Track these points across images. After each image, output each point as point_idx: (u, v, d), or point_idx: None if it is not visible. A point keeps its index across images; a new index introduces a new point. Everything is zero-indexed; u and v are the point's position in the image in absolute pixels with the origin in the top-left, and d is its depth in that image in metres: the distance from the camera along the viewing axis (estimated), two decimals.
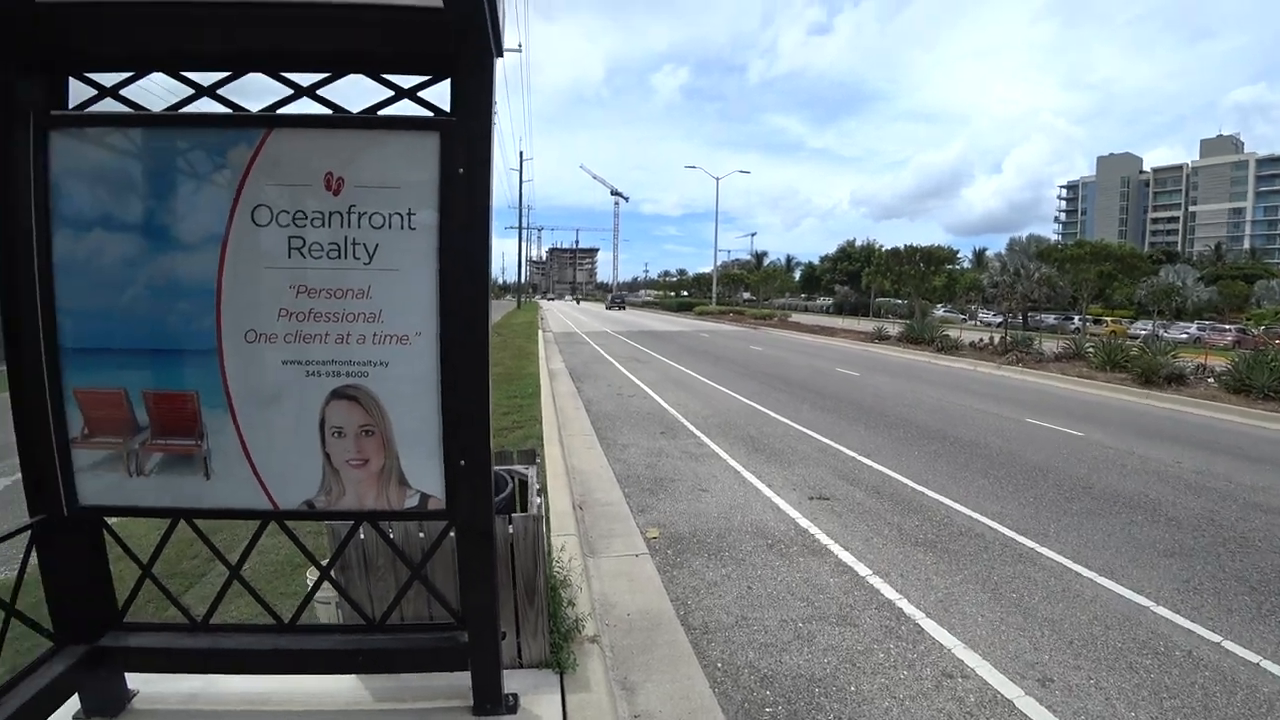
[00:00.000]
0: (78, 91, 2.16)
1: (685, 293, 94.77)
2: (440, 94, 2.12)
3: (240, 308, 2.05)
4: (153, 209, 2.06)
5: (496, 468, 3.36)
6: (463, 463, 2.12)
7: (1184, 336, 34.59)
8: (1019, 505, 6.01)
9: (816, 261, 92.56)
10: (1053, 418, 10.74)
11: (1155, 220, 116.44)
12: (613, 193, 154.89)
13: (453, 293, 2.05)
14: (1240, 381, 13.11)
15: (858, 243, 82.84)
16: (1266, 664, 3.43)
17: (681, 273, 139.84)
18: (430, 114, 2.12)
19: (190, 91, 2.16)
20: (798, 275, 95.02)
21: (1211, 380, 14.34)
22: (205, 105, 2.16)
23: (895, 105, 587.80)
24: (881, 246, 55.01)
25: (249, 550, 2.38)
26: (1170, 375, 14.36)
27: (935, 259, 36.52)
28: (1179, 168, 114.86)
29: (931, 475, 6.97)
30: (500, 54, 2.05)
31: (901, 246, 37.11)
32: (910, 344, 24.35)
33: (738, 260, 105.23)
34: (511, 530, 2.80)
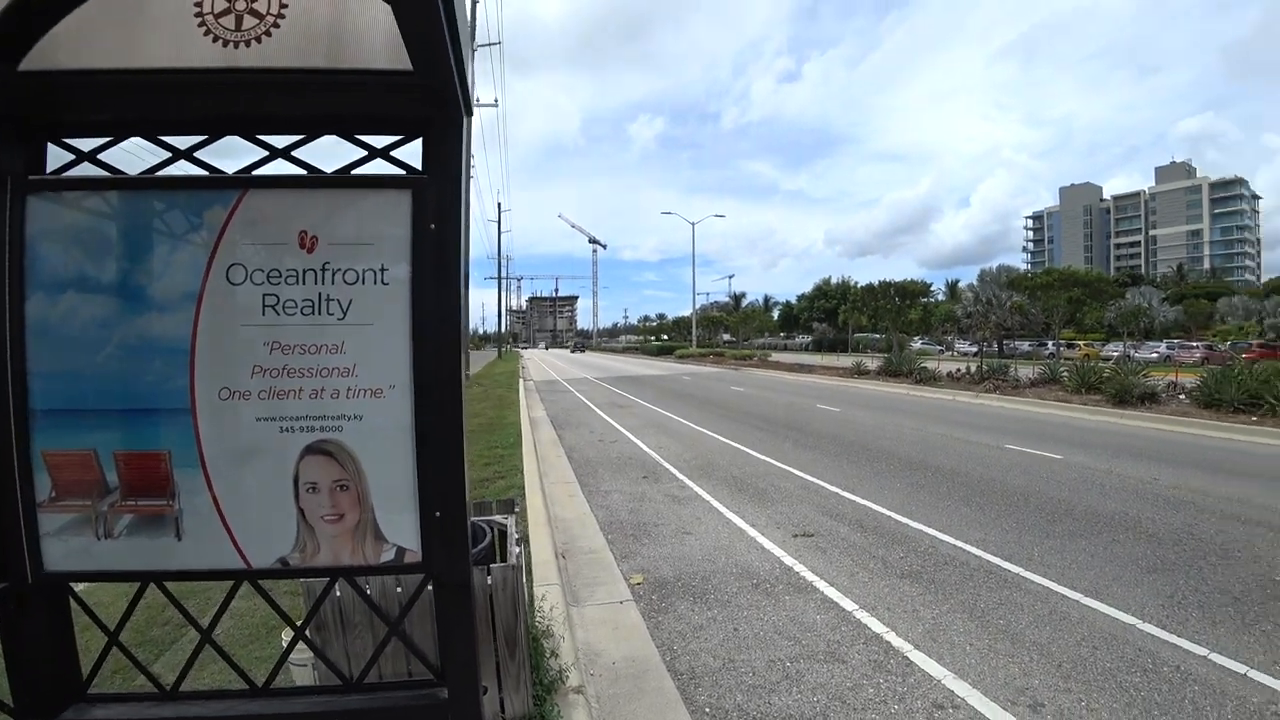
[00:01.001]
0: (55, 155, 2.20)
1: (665, 336, 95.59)
2: (413, 152, 2.19)
3: (214, 366, 2.06)
4: (127, 270, 2.07)
5: (475, 518, 3.34)
6: (438, 514, 2.11)
7: (1154, 355, 35.54)
8: (1002, 531, 6.05)
9: (794, 300, 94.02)
10: (1031, 442, 10.88)
11: (1119, 245, 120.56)
12: (591, 240, 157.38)
13: (426, 345, 2.08)
14: (1210, 396, 13.45)
15: (833, 280, 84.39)
16: (1254, 674, 3.46)
17: (661, 317, 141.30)
18: (403, 172, 2.18)
19: (168, 155, 2.21)
20: (776, 315, 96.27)
21: (1183, 397, 14.69)
22: (182, 167, 2.21)
23: (865, 147, 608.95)
24: (857, 283, 56.05)
25: (221, 612, 2.32)
26: (1143, 394, 14.69)
27: (910, 293, 37.27)
28: (1137, 194, 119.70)
29: (914, 506, 7.00)
30: (470, 114, 2.13)
31: (876, 282, 37.84)
32: (889, 377, 24.66)
33: (716, 302, 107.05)
34: (490, 581, 2.77)
